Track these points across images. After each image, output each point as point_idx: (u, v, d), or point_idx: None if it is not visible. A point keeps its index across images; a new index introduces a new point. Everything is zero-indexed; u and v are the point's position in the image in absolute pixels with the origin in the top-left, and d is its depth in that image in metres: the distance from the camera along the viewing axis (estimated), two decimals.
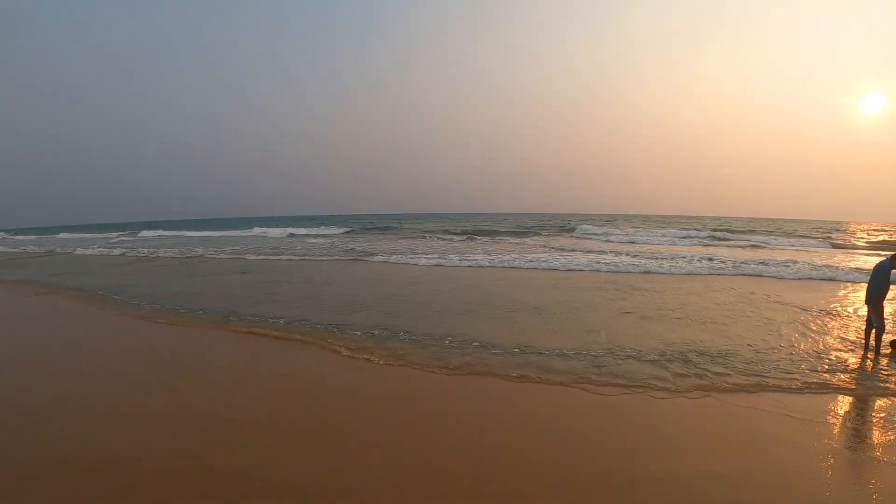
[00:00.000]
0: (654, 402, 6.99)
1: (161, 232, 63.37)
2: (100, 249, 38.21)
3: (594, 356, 8.90)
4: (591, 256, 25.33)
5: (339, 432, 6.04)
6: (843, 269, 20.21)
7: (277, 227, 63.04)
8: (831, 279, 18.56)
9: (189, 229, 68.36)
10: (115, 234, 63.77)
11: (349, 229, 57.18)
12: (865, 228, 69.27)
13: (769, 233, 49.49)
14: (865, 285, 9.72)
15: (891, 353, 9.06)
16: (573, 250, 29.59)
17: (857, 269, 20.50)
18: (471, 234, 44.62)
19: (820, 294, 15.46)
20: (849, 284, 17.40)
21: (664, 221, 76.83)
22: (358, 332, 10.54)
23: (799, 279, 18.68)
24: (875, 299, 9.23)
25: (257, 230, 58.74)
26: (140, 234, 60.64)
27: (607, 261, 23.34)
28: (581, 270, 21.19)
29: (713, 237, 41.68)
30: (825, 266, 21.35)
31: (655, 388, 7.41)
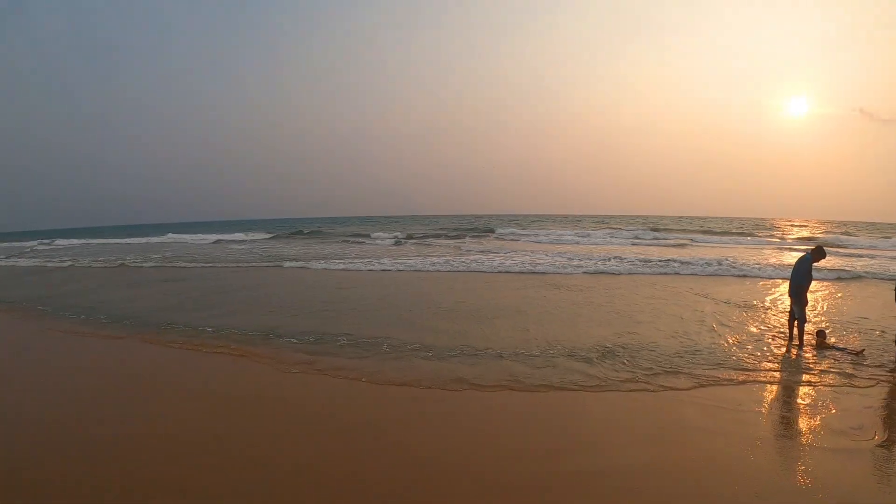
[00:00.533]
0: (585, 399, 7.01)
1: (89, 240, 59.62)
2: (15, 260, 35.76)
3: (527, 355, 8.89)
4: (524, 257, 25.62)
5: (268, 447, 5.77)
6: (767, 265, 21.09)
7: (196, 233, 60.42)
8: (756, 274, 19.35)
9: (99, 237, 64.37)
10: (32, 242, 59.64)
11: (273, 235, 55.45)
12: (789, 225, 72.90)
13: (698, 231, 51.37)
14: (788, 279, 10.09)
15: (816, 342, 9.42)
16: (502, 252, 29.66)
17: (781, 263, 21.44)
18: (399, 238, 44.20)
19: (745, 289, 16.13)
20: (773, 279, 18.21)
21: (593, 221, 78.59)
22: (294, 340, 10.19)
23: (725, 275, 19.43)
24: (797, 292, 9.61)
25: (170, 236, 56.22)
26: (55, 243, 57.22)
27: (535, 261, 23.76)
28: (509, 272, 21.34)
29: (638, 237, 42.52)
30: (751, 262, 22.29)
31: (586, 386, 7.43)
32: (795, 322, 9.69)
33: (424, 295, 15.83)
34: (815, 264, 9.70)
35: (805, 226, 69.84)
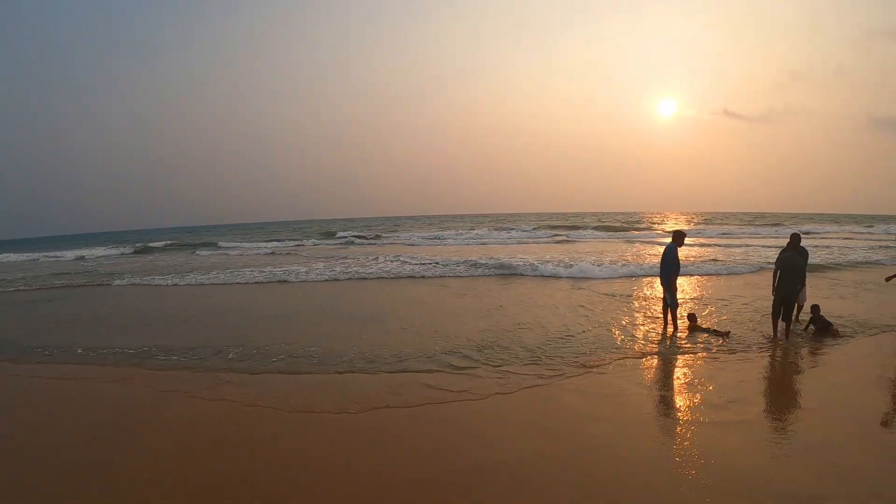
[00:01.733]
0: (470, 393, 6.78)
1: None
2: None
3: (414, 357, 8.63)
4: (391, 263, 24.26)
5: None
6: (640, 262, 21.70)
7: (22, 251, 53.22)
8: (628, 268, 19.78)
9: None
10: None
11: (136, 248, 49.49)
12: (662, 218, 77.68)
13: (575, 227, 53.46)
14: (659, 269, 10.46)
15: (688, 325, 9.84)
16: (379, 257, 27.70)
17: (654, 255, 22.37)
18: (278, 247, 41.96)
19: (622, 281, 16.80)
20: (647, 270, 18.93)
21: (477, 221, 79.97)
22: (175, 357, 9.22)
23: (600, 275, 19.37)
24: (668, 280, 10.03)
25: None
26: None
27: (403, 265, 22.93)
28: (366, 278, 20.21)
29: (528, 234, 43.07)
30: (624, 254, 23.29)
31: (471, 380, 7.27)
32: (669, 308, 10.10)
33: (307, 304, 15.19)
34: (679, 249, 10.12)
35: (677, 218, 74.68)
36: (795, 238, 9.45)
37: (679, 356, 8.32)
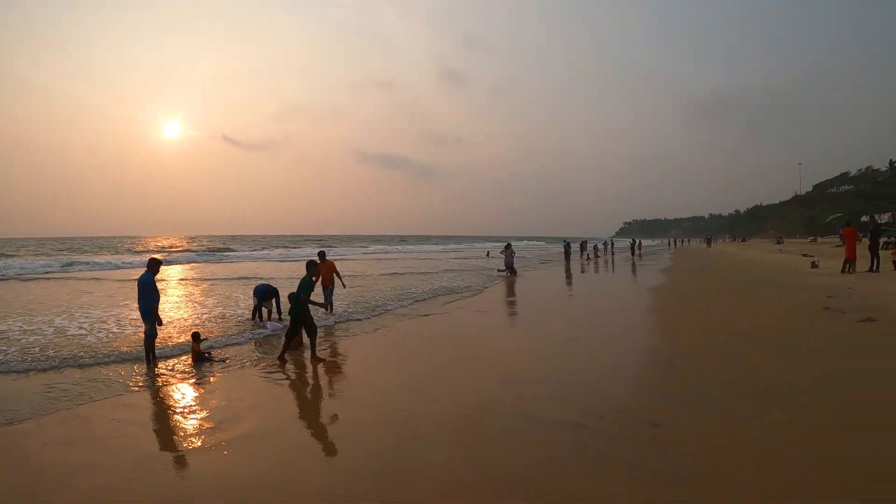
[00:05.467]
0: None
1: None
2: None
3: None
4: None
5: None
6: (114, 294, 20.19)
7: None
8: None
9: None
10: None
11: None
12: (158, 241, 75.31)
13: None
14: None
15: (192, 349, 9.70)
16: None
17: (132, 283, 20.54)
18: None
19: (102, 313, 15.55)
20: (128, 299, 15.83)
21: None
22: None
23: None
24: (146, 309, 9.41)
25: None
26: None
27: None
28: None
29: None
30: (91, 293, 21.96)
31: None
32: (147, 339, 9.55)
33: None
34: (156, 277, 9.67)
35: (171, 239, 73.56)
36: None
37: (171, 387, 8.27)
